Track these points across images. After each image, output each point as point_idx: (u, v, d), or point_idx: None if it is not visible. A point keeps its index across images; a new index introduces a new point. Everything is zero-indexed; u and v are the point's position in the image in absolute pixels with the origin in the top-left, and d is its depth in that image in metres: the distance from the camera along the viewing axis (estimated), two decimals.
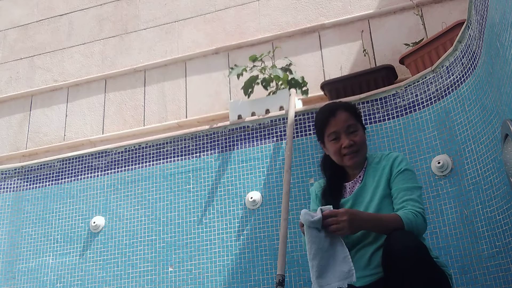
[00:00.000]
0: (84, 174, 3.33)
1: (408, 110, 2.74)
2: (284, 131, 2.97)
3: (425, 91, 2.71)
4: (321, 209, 1.64)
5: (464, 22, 2.57)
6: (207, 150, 3.11)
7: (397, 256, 1.55)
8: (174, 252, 2.93)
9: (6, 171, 3.54)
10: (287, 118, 2.94)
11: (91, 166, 3.34)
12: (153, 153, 3.22)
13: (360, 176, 1.91)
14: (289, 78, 3.19)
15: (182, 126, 3.63)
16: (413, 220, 1.68)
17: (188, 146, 3.16)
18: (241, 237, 2.84)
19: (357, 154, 1.88)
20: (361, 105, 2.86)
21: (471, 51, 2.45)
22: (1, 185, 3.50)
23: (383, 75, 3.01)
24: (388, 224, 1.67)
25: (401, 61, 3.05)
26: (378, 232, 1.72)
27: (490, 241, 2.30)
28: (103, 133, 3.84)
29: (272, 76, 3.22)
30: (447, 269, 1.77)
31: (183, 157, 3.14)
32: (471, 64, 2.47)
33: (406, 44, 3.13)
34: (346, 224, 1.62)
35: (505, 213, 2.24)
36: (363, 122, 2.01)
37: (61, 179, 3.37)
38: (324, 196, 1.95)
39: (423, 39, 3.04)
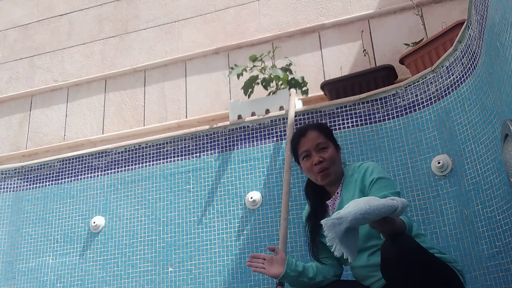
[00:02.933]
0: (84, 174, 3.33)
1: (408, 110, 2.74)
2: (284, 131, 2.97)
3: (425, 91, 2.71)
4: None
5: (464, 22, 2.57)
6: (207, 150, 3.11)
7: (393, 264, 1.56)
8: (174, 252, 2.93)
9: (6, 171, 3.54)
10: (287, 118, 2.94)
11: (91, 166, 3.34)
12: (153, 153, 3.22)
13: (338, 193, 1.97)
14: (289, 78, 3.19)
15: (182, 126, 3.63)
16: (409, 219, 1.73)
17: (188, 146, 3.16)
18: (241, 237, 2.84)
19: (328, 171, 1.93)
20: (361, 105, 2.86)
21: (471, 51, 2.45)
22: (1, 185, 3.50)
23: (383, 75, 3.01)
24: (392, 223, 1.65)
25: (401, 61, 3.05)
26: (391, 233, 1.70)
27: (490, 241, 2.30)
28: (103, 133, 3.84)
29: (272, 76, 3.22)
30: (456, 265, 1.77)
31: (183, 157, 3.14)
32: (471, 64, 2.47)
33: (406, 44, 3.13)
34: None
35: (505, 213, 2.24)
36: (335, 138, 2.04)
37: (61, 179, 3.37)
38: (309, 218, 2.02)
39: (423, 39, 3.04)
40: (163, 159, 3.18)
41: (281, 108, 3.09)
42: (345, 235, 1.54)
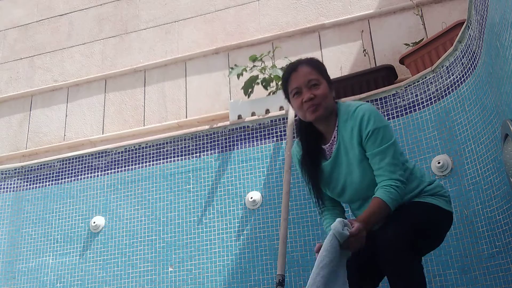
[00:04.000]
0: (84, 174, 3.33)
1: (408, 110, 2.74)
2: (284, 131, 2.97)
3: (425, 91, 2.71)
4: (344, 223, 1.64)
5: (464, 22, 2.57)
6: (207, 150, 3.11)
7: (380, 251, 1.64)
8: (174, 252, 2.93)
9: (6, 171, 3.54)
10: (287, 118, 2.94)
11: (91, 166, 3.34)
12: (153, 153, 3.22)
13: (334, 137, 1.89)
14: None
15: (182, 126, 3.63)
16: (394, 197, 1.72)
17: (188, 146, 3.16)
18: (241, 237, 2.84)
19: (318, 107, 1.83)
20: None
21: (471, 51, 2.45)
22: (1, 185, 3.50)
23: (383, 75, 3.00)
24: (381, 216, 1.72)
25: (401, 61, 3.05)
26: (377, 224, 1.75)
27: (490, 241, 2.30)
28: (103, 133, 3.84)
29: (272, 76, 3.22)
30: (444, 192, 1.84)
31: (183, 157, 3.14)
32: (471, 64, 2.47)
33: (406, 44, 3.13)
34: (363, 239, 1.65)
35: (505, 213, 2.24)
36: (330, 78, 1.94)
37: (61, 179, 3.37)
38: (304, 163, 1.94)
39: (423, 39, 3.04)
40: (163, 159, 3.18)
41: (281, 108, 3.09)
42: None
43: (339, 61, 3.42)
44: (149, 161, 3.20)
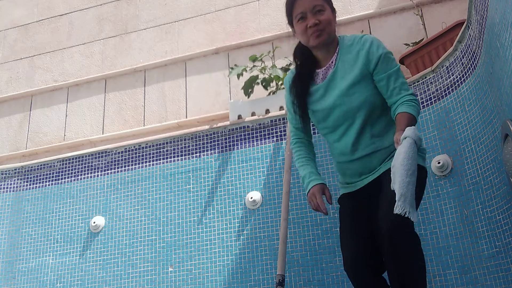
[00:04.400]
0: (84, 174, 3.33)
1: None
2: (284, 131, 2.97)
3: (425, 91, 2.71)
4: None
5: (464, 22, 2.57)
6: (207, 150, 3.11)
7: (382, 234, 1.65)
8: (174, 252, 2.93)
9: (6, 171, 3.54)
10: (287, 118, 2.94)
11: (91, 166, 3.34)
12: (153, 153, 3.22)
13: (332, 62, 1.93)
14: None
15: (182, 126, 3.63)
16: (417, 110, 1.82)
17: (188, 146, 3.16)
18: (241, 237, 2.84)
19: (322, 33, 1.88)
20: None
21: (471, 51, 2.45)
22: (1, 185, 3.50)
23: None
24: (412, 124, 1.77)
25: (401, 61, 3.05)
26: None
27: (490, 241, 2.30)
28: (103, 133, 3.84)
29: (272, 76, 3.22)
30: (422, 149, 1.88)
31: (183, 157, 3.14)
32: (471, 64, 2.47)
33: (406, 44, 3.13)
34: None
35: (505, 213, 2.24)
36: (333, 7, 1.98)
37: (61, 179, 3.37)
38: (294, 83, 1.99)
39: (423, 39, 3.04)
40: (163, 159, 3.18)
41: (281, 108, 3.09)
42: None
43: None
44: (149, 161, 3.20)
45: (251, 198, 2.86)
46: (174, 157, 3.16)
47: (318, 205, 1.91)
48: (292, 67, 2.07)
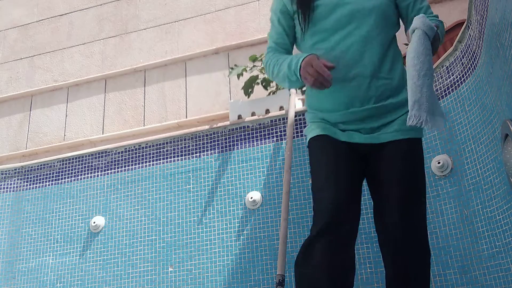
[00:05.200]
0: (84, 174, 3.33)
1: None
2: (284, 131, 2.97)
3: None
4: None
5: (464, 22, 2.57)
6: (207, 150, 3.11)
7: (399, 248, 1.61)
8: (174, 252, 2.93)
9: (6, 171, 3.54)
10: (287, 118, 2.94)
11: (91, 166, 3.34)
12: (153, 153, 3.22)
13: None
14: None
15: (182, 126, 3.63)
16: (441, 30, 1.74)
17: (188, 146, 3.16)
18: (241, 237, 2.83)
19: None
20: None
21: (471, 51, 2.45)
22: (1, 185, 3.50)
23: None
24: (442, 34, 1.72)
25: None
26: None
27: (490, 241, 2.30)
28: (103, 133, 3.84)
29: None
30: None
31: (183, 157, 3.14)
32: (471, 64, 2.47)
33: (406, 44, 3.12)
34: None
35: (505, 213, 2.24)
36: None
37: (61, 179, 3.37)
38: None
39: None
40: (163, 159, 3.18)
41: (281, 108, 3.09)
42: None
43: None
44: (149, 161, 3.20)
45: (251, 198, 2.86)
46: (174, 157, 3.16)
47: (318, 72, 1.53)
48: None
